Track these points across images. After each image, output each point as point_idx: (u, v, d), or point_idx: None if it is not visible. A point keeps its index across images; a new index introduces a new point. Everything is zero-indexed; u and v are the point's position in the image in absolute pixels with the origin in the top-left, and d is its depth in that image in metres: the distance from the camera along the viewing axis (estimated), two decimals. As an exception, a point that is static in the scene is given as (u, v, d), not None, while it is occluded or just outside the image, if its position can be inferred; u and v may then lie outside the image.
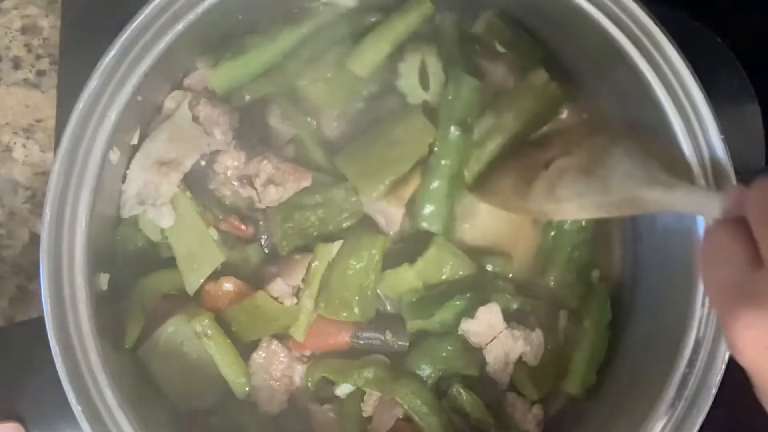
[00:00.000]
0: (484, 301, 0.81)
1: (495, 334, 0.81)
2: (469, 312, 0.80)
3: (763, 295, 0.45)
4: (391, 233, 0.81)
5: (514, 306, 0.82)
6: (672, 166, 0.69)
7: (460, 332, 0.81)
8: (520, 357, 0.82)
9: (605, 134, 0.78)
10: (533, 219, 0.85)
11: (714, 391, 0.70)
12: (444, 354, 0.80)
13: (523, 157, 0.81)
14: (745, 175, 0.82)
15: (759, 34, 0.94)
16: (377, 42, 0.80)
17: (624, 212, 0.70)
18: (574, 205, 0.72)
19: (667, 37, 0.72)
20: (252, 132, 0.82)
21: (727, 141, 0.72)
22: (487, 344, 0.81)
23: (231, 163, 0.79)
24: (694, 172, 0.71)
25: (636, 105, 0.76)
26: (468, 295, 0.80)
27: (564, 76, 0.85)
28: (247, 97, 0.80)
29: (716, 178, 0.71)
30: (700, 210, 0.66)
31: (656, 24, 0.72)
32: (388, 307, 0.83)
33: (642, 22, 0.72)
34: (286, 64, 0.81)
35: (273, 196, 0.77)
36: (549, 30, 0.83)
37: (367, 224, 0.82)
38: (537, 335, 0.83)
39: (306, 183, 0.78)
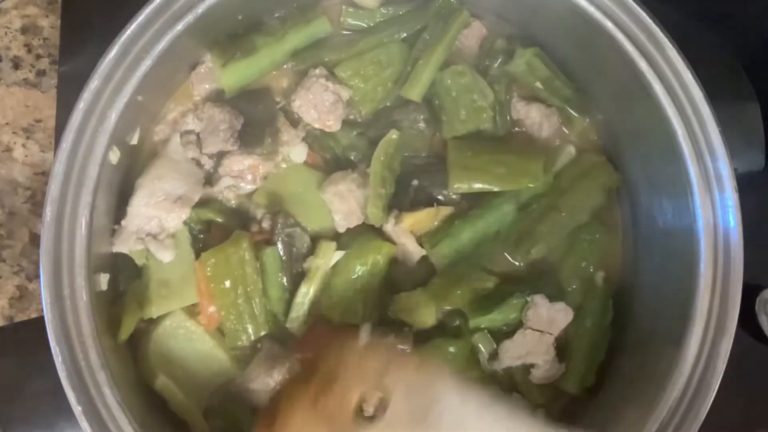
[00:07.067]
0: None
1: (553, 330, 0.80)
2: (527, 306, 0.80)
3: None
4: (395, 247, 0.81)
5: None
6: None
7: (523, 322, 0.80)
8: (529, 366, 0.82)
9: (406, 364, 0.67)
10: None
11: (714, 391, 0.70)
12: (449, 356, 0.79)
13: (313, 400, 0.66)
14: (745, 175, 0.83)
15: (759, 35, 0.94)
16: (429, 68, 0.82)
17: None
18: None
19: (667, 37, 0.72)
20: (258, 133, 0.81)
21: (727, 141, 0.72)
22: (508, 340, 0.80)
23: (237, 166, 0.79)
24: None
25: (636, 105, 0.76)
26: (526, 291, 0.80)
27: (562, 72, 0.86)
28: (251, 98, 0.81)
29: (717, 181, 0.72)
30: None
31: (656, 24, 0.72)
32: (390, 312, 0.83)
33: (642, 23, 0.72)
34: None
35: None
36: (544, 26, 0.83)
37: (373, 231, 0.81)
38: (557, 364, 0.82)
39: None
